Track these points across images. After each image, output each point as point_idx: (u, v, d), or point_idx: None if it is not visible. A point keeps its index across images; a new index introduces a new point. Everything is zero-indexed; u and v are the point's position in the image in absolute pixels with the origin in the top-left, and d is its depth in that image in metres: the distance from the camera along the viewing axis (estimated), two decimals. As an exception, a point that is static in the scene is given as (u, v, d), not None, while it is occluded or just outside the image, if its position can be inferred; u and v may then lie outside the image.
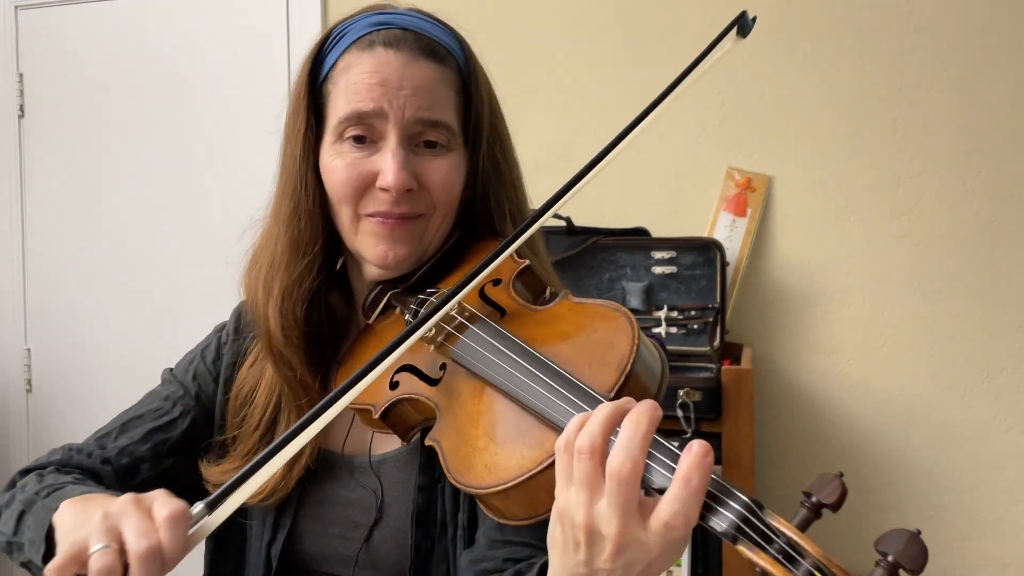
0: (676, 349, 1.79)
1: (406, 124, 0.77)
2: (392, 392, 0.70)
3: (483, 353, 0.65)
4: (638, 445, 0.49)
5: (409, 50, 0.78)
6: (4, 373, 2.62)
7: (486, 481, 0.57)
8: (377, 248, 0.79)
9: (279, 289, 0.81)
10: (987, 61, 1.82)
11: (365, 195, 0.78)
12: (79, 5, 2.49)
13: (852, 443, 1.90)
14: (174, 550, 0.57)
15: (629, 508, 0.49)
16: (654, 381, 0.59)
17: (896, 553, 0.44)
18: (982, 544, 1.84)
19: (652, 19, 2.01)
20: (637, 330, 0.59)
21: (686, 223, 1.98)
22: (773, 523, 0.47)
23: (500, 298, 0.72)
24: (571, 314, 0.66)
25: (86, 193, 2.50)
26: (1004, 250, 1.82)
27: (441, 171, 0.79)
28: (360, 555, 0.80)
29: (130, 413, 0.92)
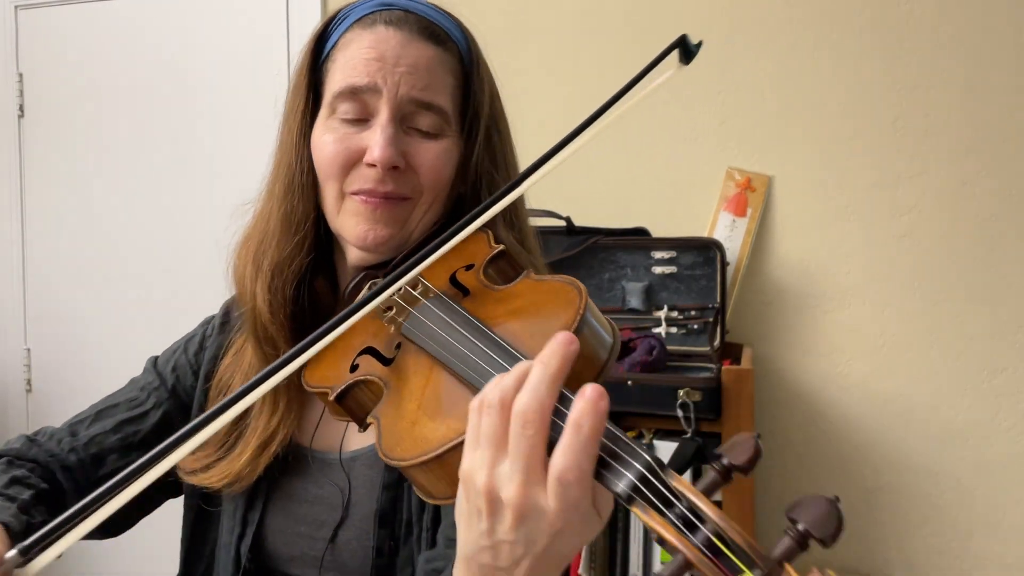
0: (676, 349, 1.79)
1: (399, 102, 0.75)
2: (351, 375, 0.67)
3: (430, 326, 0.63)
4: (546, 386, 0.46)
5: (410, 30, 0.77)
6: (4, 373, 2.62)
7: (410, 452, 0.54)
8: (358, 227, 0.77)
9: (269, 265, 0.80)
10: (987, 61, 1.82)
11: (352, 171, 0.77)
12: (79, 5, 2.49)
13: (852, 443, 1.90)
14: None
15: (532, 464, 0.45)
16: (601, 351, 0.56)
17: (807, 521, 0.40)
18: (982, 544, 1.84)
19: (654, 16, 2.01)
20: (584, 302, 0.56)
21: (686, 223, 1.98)
22: (675, 485, 0.44)
23: (468, 281, 0.70)
24: (528, 291, 0.64)
25: (86, 193, 2.50)
26: (1004, 250, 1.82)
27: (431, 153, 0.77)
28: (326, 556, 0.78)
29: (108, 401, 0.91)
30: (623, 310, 1.85)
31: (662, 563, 1.55)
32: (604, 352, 0.56)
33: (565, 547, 0.47)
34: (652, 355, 1.64)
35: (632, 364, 1.63)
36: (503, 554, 0.47)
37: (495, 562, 0.48)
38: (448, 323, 0.62)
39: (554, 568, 0.49)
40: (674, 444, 1.54)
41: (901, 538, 1.88)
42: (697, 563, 0.40)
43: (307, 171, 0.79)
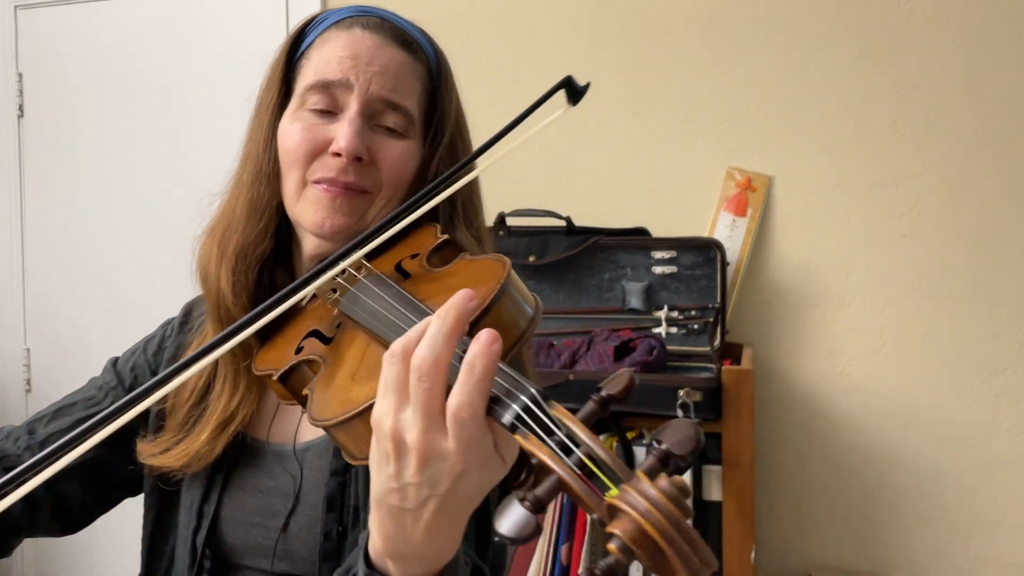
0: (676, 349, 1.79)
1: (369, 99, 0.79)
2: (296, 356, 0.70)
3: (365, 300, 0.66)
4: (442, 339, 0.49)
5: (384, 35, 0.82)
6: (4, 373, 2.62)
7: (336, 411, 0.56)
8: (317, 215, 0.79)
9: (233, 249, 0.82)
10: (987, 61, 1.82)
11: (316, 160, 0.79)
12: (79, 5, 2.49)
13: (852, 443, 1.90)
14: None
15: (430, 411, 0.48)
16: (520, 319, 0.59)
17: (669, 442, 0.44)
18: (982, 544, 1.84)
19: (654, 16, 2.01)
20: (507, 273, 0.59)
21: (686, 223, 1.98)
22: (555, 415, 0.47)
23: (411, 267, 0.73)
24: (461, 270, 0.67)
25: (86, 193, 2.50)
26: (1004, 250, 1.82)
27: (395, 151, 0.81)
28: (278, 546, 0.80)
29: (66, 400, 0.93)
30: (623, 310, 1.85)
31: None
32: (524, 321, 0.59)
33: (469, 488, 0.50)
34: (652, 355, 1.64)
35: (632, 364, 1.63)
36: (410, 496, 0.50)
37: (403, 504, 0.51)
38: (382, 297, 0.64)
39: (460, 511, 0.52)
40: (674, 444, 1.54)
41: (901, 538, 1.88)
42: (570, 482, 0.44)
43: (273, 161, 0.83)
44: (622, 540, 0.40)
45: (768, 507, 1.93)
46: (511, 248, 1.87)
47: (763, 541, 1.92)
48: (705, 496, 1.55)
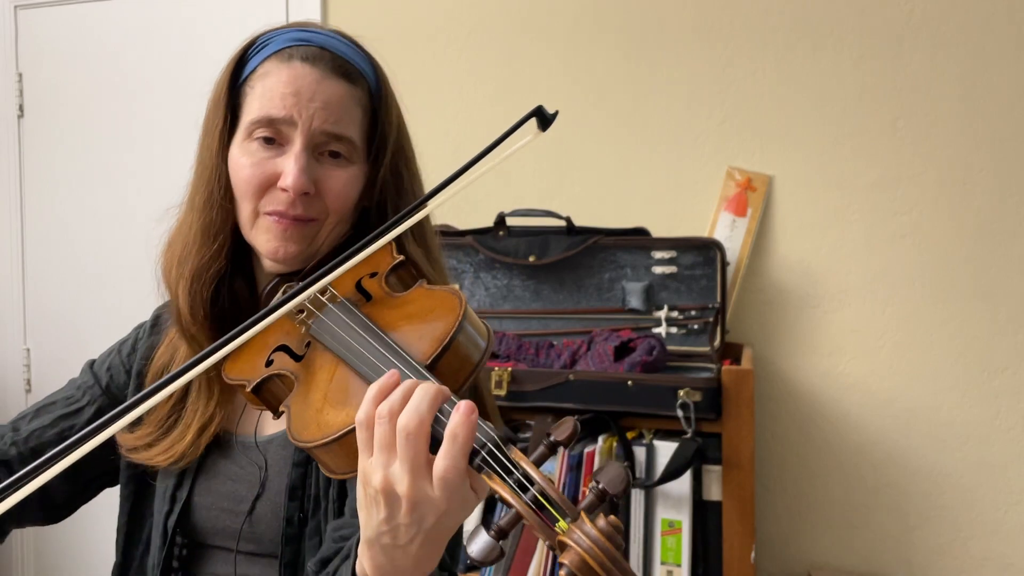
0: (676, 349, 1.79)
1: (312, 134, 0.83)
2: (266, 369, 0.76)
3: (335, 329, 0.72)
4: (426, 407, 0.57)
5: (324, 67, 0.84)
6: (4, 373, 2.62)
7: (316, 435, 0.64)
8: (270, 244, 0.85)
9: (189, 271, 0.87)
10: (987, 61, 1.82)
11: (266, 193, 0.84)
12: (79, 5, 2.49)
13: (852, 443, 1.90)
14: None
15: (417, 465, 0.56)
16: (475, 352, 0.67)
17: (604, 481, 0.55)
18: (982, 544, 1.84)
19: (654, 16, 2.01)
20: (462, 311, 0.66)
21: (686, 223, 1.98)
22: (513, 457, 0.56)
23: (371, 288, 0.78)
24: (419, 298, 0.74)
25: (86, 193, 2.50)
26: (1004, 250, 1.82)
27: (339, 181, 0.85)
28: (244, 528, 0.87)
29: (47, 399, 1.01)
30: (623, 310, 1.85)
31: (662, 563, 1.55)
32: (478, 354, 0.68)
33: (450, 521, 0.58)
34: (652, 355, 1.64)
35: (632, 364, 1.63)
36: (401, 535, 0.58)
37: (394, 541, 0.59)
38: (349, 326, 0.71)
39: (443, 539, 0.60)
40: (674, 444, 1.54)
41: (901, 538, 1.88)
42: (526, 515, 0.54)
43: (224, 186, 0.87)
44: (570, 569, 0.52)
45: (768, 507, 1.93)
46: (511, 248, 1.87)
47: (763, 541, 1.92)
48: (705, 496, 1.55)
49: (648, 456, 1.57)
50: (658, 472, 1.54)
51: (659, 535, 1.55)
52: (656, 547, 1.55)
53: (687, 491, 1.54)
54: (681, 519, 1.54)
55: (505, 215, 1.88)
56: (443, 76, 2.15)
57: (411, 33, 2.18)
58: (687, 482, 1.53)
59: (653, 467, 1.56)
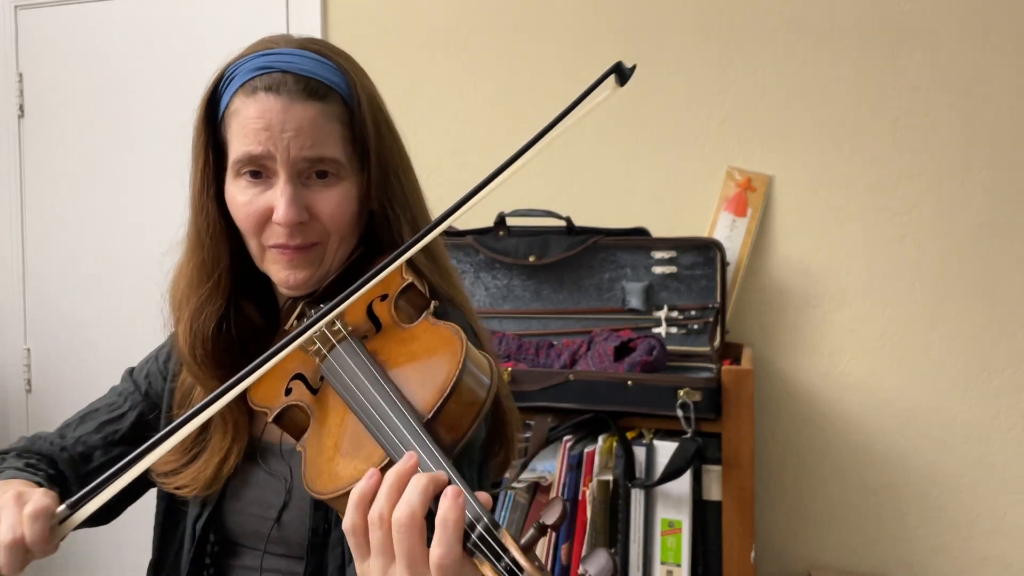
0: (676, 349, 1.79)
1: (292, 163, 0.83)
2: (286, 398, 0.78)
3: (341, 374, 0.73)
4: (417, 497, 0.57)
5: (288, 93, 0.83)
6: (4, 373, 2.62)
7: (327, 488, 0.66)
8: (280, 274, 0.87)
9: (188, 312, 0.90)
10: (987, 61, 1.82)
11: (265, 228, 0.85)
12: (79, 5, 2.49)
13: (852, 443, 1.90)
14: (35, 540, 0.70)
15: (413, 559, 0.57)
16: (480, 391, 0.68)
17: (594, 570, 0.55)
18: (982, 544, 1.84)
19: (654, 15, 2.01)
20: (463, 355, 0.67)
21: (686, 223, 1.98)
22: (503, 542, 0.56)
23: (381, 313, 0.79)
24: (424, 335, 0.74)
25: (86, 193, 2.51)
26: (1004, 250, 1.82)
27: (331, 202, 0.85)
28: (272, 533, 0.89)
29: (90, 407, 1.04)
30: (623, 310, 1.85)
31: (662, 563, 1.55)
32: (483, 392, 0.68)
33: None
34: (652, 355, 1.64)
35: (632, 364, 1.63)
36: None
37: None
38: (355, 372, 0.72)
39: None
40: (674, 444, 1.54)
41: (901, 538, 1.88)
42: None
43: (213, 223, 0.89)
44: None
45: (768, 507, 1.93)
46: (511, 248, 1.87)
47: (763, 541, 1.92)
48: (705, 496, 1.55)
49: (648, 456, 1.57)
50: (658, 472, 1.54)
51: (659, 535, 1.56)
52: (656, 547, 1.56)
53: (687, 491, 1.54)
54: (681, 519, 1.54)
55: (505, 215, 1.88)
56: (443, 76, 2.15)
57: (411, 33, 2.18)
58: (687, 482, 1.53)
59: (653, 467, 1.56)
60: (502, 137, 2.10)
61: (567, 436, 1.61)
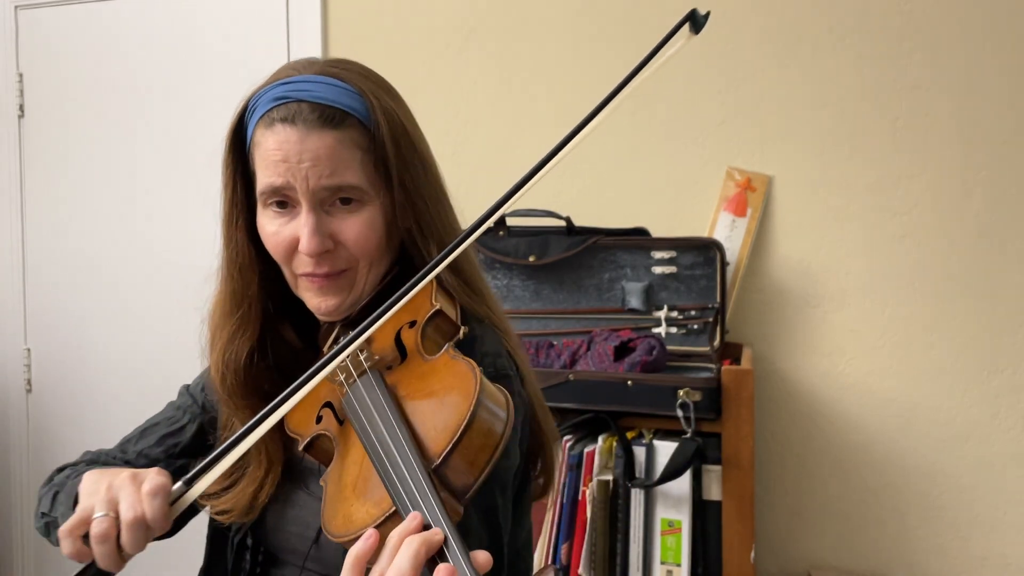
0: (676, 349, 1.79)
1: (312, 193, 0.83)
2: (316, 426, 0.78)
3: (359, 412, 0.73)
4: (407, 565, 0.56)
5: (304, 123, 0.83)
6: (4, 373, 2.62)
7: (342, 531, 0.66)
8: (313, 301, 0.88)
9: (222, 341, 0.91)
10: (987, 61, 1.82)
11: (294, 257, 0.87)
12: (79, 5, 2.49)
13: (852, 443, 1.90)
14: (156, 517, 0.72)
15: None
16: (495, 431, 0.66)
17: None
18: (982, 544, 1.84)
19: (653, 16, 2.01)
20: (475, 395, 0.65)
21: (686, 223, 1.98)
22: None
23: (408, 341, 0.79)
24: (443, 370, 0.73)
25: (86, 193, 2.51)
26: (1004, 249, 1.82)
27: (354, 229, 0.85)
28: (311, 552, 0.89)
29: (149, 422, 1.04)
30: (623, 310, 1.85)
31: (661, 563, 1.55)
32: (499, 428, 0.66)
33: None
34: (652, 355, 1.64)
35: (632, 364, 1.63)
36: None
37: None
38: (371, 411, 0.71)
39: None
40: (674, 444, 1.54)
41: (901, 538, 1.88)
42: None
43: (242, 253, 0.90)
44: None
45: (768, 507, 1.93)
46: (511, 248, 1.87)
47: (763, 541, 1.92)
48: (705, 496, 1.55)
49: (648, 456, 1.57)
50: (658, 472, 1.54)
51: (659, 535, 1.56)
52: (656, 547, 1.56)
53: (687, 491, 1.54)
54: (681, 519, 1.54)
55: (505, 215, 1.88)
56: (443, 76, 2.15)
57: (411, 33, 2.18)
58: (687, 482, 1.53)
59: (653, 467, 1.56)
60: (502, 137, 2.10)
61: (567, 436, 1.61)
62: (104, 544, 0.71)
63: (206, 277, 0.96)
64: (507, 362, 0.88)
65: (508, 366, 0.88)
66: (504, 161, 2.12)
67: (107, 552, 0.72)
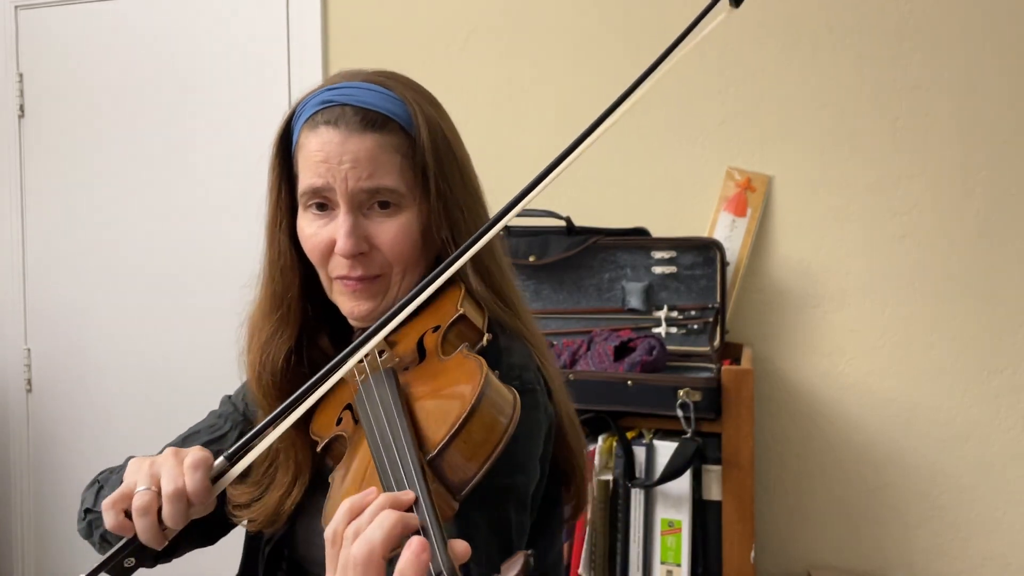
0: (676, 349, 1.79)
1: (351, 194, 0.85)
2: (336, 428, 0.78)
3: (366, 404, 0.73)
4: (379, 536, 0.54)
5: (346, 125, 0.85)
6: (4, 373, 2.62)
7: None
8: (346, 305, 0.89)
9: (260, 340, 0.92)
10: (987, 61, 1.82)
11: (330, 260, 0.88)
12: (79, 5, 2.49)
13: (852, 443, 1.90)
14: (196, 490, 0.72)
15: None
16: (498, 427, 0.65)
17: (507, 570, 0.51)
18: (982, 544, 1.84)
19: (653, 16, 2.01)
20: (479, 389, 0.64)
21: (686, 223, 1.98)
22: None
23: (428, 345, 0.79)
24: (453, 368, 0.73)
25: (86, 193, 2.51)
26: (1004, 249, 1.82)
27: (390, 233, 0.86)
28: None
29: (191, 429, 1.05)
30: (623, 310, 1.85)
31: (661, 563, 1.55)
32: (504, 421, 0.65)
33: None
34: (652, 355, 1.64)
35: (632, 364, 1.63)
36: None
37: None
38: (377, 404, 0.71)
39: None
40: (674, 444, 1.54)
41: (901, 538, 1.88)
42: None
43: (284, 255, 0.91)
44: None
45: (768, 507, 1.93)
46: (511, 248, 1.87)
47: (763, 541, 1.92)
48: (705, 496, 1.55)
49: (648, 456, 1.57)
50: (658, 472, 1.54)
51: (659, 535, 1.56)
52: (656, 547, 1.56)
53: (687, 491, 1.54)
54: (681, 519, 1.54)
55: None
56: (443, 76, 2.15)
57: (411, 33, 2.18)
58: (687, 482, 1.53)
59: (653, 467, 1.56)
60: (502, 137, 2.10)
61: (567, 436, 1.61)
62: (145, 517, 0.72)
63: (244, 283, 0.97)
64: (534, 376, 0.87)
65: (535, 380, 0.87)
66: (504, 161, 2.11)
67: (148, 525, 0.72)
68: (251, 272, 0.97)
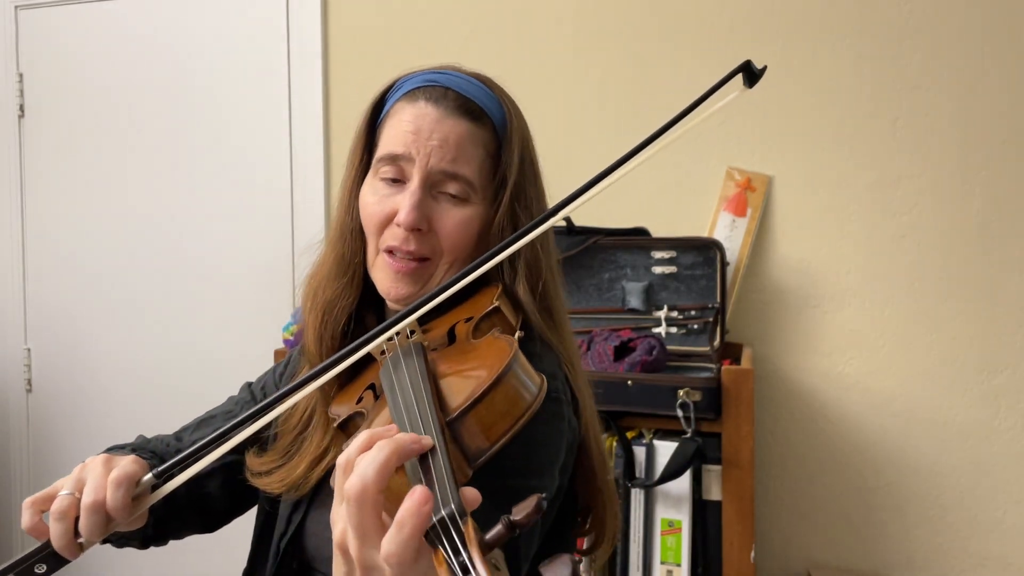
0: (676, 349, 1.79)
1: (429, 171, 0.85)
2: (356, 405, 0.77)
3: (391, 375, 0.71)
4: (373, 470, 0.51)
5: (446, 107, 0.87)
6: (4, 373, 2.62)
7: None
8: (384, 283, 0.89)
9: (321, 304, 0.91)
10: (986, 61, 1.82)
11: (386, 229, 0.88)
12: (79, 5, 2.49)
13: (852, 443, 1.90)
14: (116, 506, 0.70)
15: (364, 531, 0.51)
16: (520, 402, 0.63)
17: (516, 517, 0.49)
18: (982, 544, 1.84)
19: (661, 23, 2.01)
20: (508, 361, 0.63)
21: (686, 223, 1.98)
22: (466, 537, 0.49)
23: (460, 332, 0.79)
24: (483, 347, 0.72)
25: (86, 193, 2.51)
26: (1004, 250, 1.82)
27: (453, 219, 0.87)
28: None
29: (207, 414, 1.05)
30: (623, 310, 1.85)
31: (661, 563, 1.55)
32: (528, 397, 0.64)
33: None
34: (652, 355, 1.64)
35: (632, 364, 1.63)
36: None
37: None
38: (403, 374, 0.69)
39: None
40: (674, 444, 1.54)
41: (901, 538, 1.88)
42: None
43: (356, 220, 0.91)
44: None
45: (768, 507, 1.93)
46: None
47: (763, 541, 1.92)
48: (705, 496, 1.55)
49: (648, 456, 1.57)
50: (658, 472, 1.54)
51: (659, 535, 1.56)
52: (656, 547, 1.56)
53: (687, 491, 1.54)
54: (681, 519, 1.54)
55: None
56: (443, 76, 2.15)
57: (411, 34, 2.18)
58: (687, 482, 1.53)
59: (653, 467, 1.56)
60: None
61: (567, 436, 1.61)
62: (60, 522, 0.70)
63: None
64: (561, 386, 0.87)
65: (561, 390, 0.86)
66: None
67: (62, 532, 0.70)
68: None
